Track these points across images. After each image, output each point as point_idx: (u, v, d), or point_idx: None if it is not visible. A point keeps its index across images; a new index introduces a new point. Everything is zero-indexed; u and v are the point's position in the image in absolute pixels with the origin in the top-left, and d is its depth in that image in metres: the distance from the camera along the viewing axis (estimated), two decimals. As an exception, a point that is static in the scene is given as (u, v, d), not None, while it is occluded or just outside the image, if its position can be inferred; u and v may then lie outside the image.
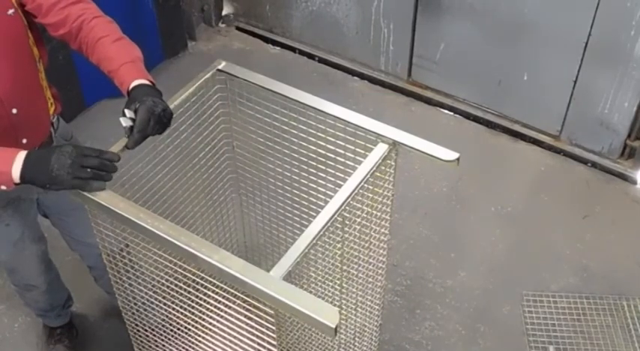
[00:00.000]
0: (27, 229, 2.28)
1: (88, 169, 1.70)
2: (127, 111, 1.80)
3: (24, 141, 2.00)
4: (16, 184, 1.74)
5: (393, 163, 1.96)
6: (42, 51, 2.03)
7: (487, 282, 3.04)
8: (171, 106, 1.98)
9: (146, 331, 2.28)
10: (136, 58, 1.91)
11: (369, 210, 1.98)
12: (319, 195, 2.20)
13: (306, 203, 2.28)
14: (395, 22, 3.71)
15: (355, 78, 4.01)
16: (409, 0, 3.57)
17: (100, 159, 1.72)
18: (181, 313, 2.03)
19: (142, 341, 2.35)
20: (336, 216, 1.78)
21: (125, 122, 1.80)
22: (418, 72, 3.84)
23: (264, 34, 4.26)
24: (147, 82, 1.86)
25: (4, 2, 1.86)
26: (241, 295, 1.74)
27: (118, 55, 1.90)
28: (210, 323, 1.93)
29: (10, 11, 1.86)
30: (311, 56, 4.12)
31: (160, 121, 1.81)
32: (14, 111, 1.92)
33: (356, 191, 1.84)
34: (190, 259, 1.69)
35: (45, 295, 2.57)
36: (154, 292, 2.09)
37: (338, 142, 2.05)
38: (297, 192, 2.29)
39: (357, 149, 2.01)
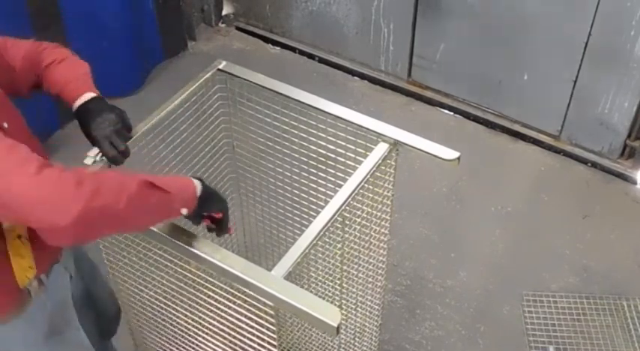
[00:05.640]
0: None
1: None
2: (89, 152, 1.78)
3: None
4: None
5: (393, 163, 1.95)
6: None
7: (487, 282, 3.03)
8: (171, 106, 2.00)
9: (146, 330, 2.28)
10: (79, 74, 1.80)
11: (369, 210, 1.98)
12: (319, 195, 2.20)
13: (306, 203, 2.28)
14: (395, 22, 3.71)
15: (355, 78, 4.01)
16: (409, 0, 3.57)
17: None
18: (181, 313, 2.02)
19: (142, 341, 2.35)
20: (336, 216, 1.78)
21: (90, 160, 1.79)
22: (418, 72, 3.84)
23: (264, 34, 4.26)
24: (88, 99, 1.75)
25: None
26: (241, 295, 1.74)
27: (62, 76, 1.78)
28: (210, 323, 1.93)
29: None
30: (311, 56, 4.12)
31: (119, 131, 1.73)
32: None
33: (356, 191, 1.84)
34: (192, 259, 1.69)
35: None
36: (155, 292, 2.08)
37: (338, 141, 2.04)
38: (297, 192, 2.29)
39: (358, 149, 2.01)
